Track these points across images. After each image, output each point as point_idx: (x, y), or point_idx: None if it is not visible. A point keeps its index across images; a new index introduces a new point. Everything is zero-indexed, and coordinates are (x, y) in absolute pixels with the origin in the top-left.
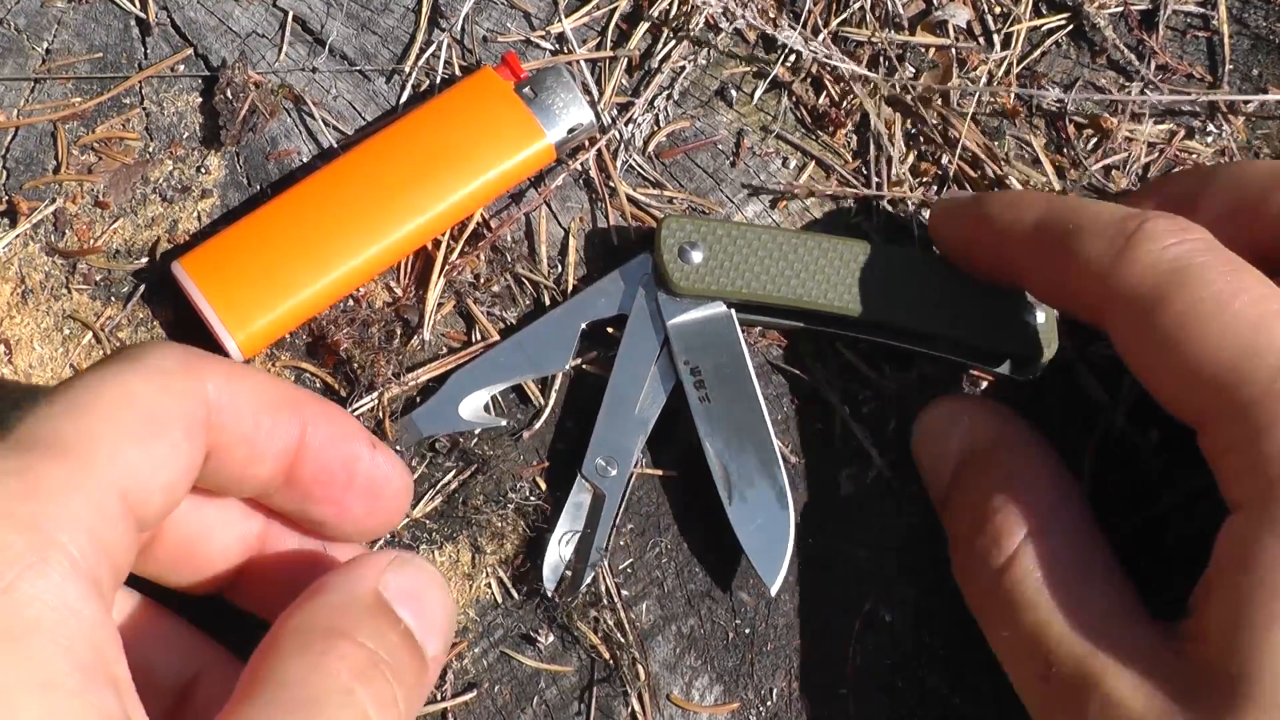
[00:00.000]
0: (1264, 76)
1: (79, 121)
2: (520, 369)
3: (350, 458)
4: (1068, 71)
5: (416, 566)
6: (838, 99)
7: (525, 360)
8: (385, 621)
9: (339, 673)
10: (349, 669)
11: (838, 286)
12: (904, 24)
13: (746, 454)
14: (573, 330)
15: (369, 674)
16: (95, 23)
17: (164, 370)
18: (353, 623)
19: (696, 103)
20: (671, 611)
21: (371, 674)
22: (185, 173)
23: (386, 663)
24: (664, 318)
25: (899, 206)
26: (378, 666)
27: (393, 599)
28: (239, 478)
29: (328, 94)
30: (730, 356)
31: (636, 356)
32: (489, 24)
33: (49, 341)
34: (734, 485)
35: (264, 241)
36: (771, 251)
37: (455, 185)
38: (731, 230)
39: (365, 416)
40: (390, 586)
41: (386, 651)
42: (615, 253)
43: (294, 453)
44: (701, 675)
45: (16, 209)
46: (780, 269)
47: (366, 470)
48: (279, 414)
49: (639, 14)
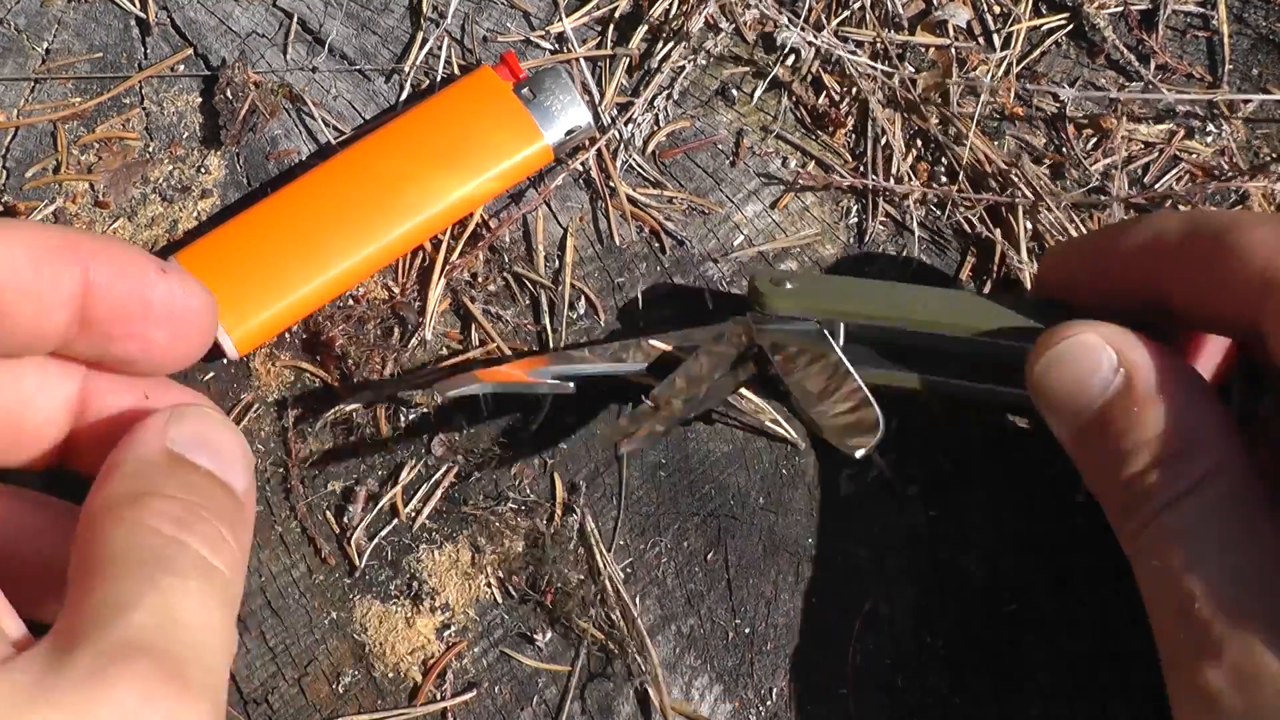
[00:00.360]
0: (1264, 76)
1: (79, 121)
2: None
3: (140, 287)
4: (1068, 71)
5: (195, 414)
6: (838, 99)
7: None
8: (184, 470)
9: (160, 528)
10: (168, 521)
11: (927, 306)
12: (904, 24)
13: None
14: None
15: (188, 520)
16: (95, 23)
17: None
18: (152, 481)
19: (696, 102)
20: (671, 611)
21: (191, 519)
22: (185, 172)
23: (201, 505)
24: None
25: (898, 205)
26: (194, 510)
27: (184, 450)
28: (34, 333)
29: (327, 94)
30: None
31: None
32: (489, 24)
33: None
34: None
35: (260, 238)
36: (860, 285)
37: (451, 185)
38: (819, 272)
39: (360, 411)
40: (177, 440)
41: (197, 495)
42: (615, 252)
43: (81, 295)
44: (701, 675)
45: (16, 209)
46: (869, 293)
47: (161, 297)
48: (57, 259)
49: (639, 14)
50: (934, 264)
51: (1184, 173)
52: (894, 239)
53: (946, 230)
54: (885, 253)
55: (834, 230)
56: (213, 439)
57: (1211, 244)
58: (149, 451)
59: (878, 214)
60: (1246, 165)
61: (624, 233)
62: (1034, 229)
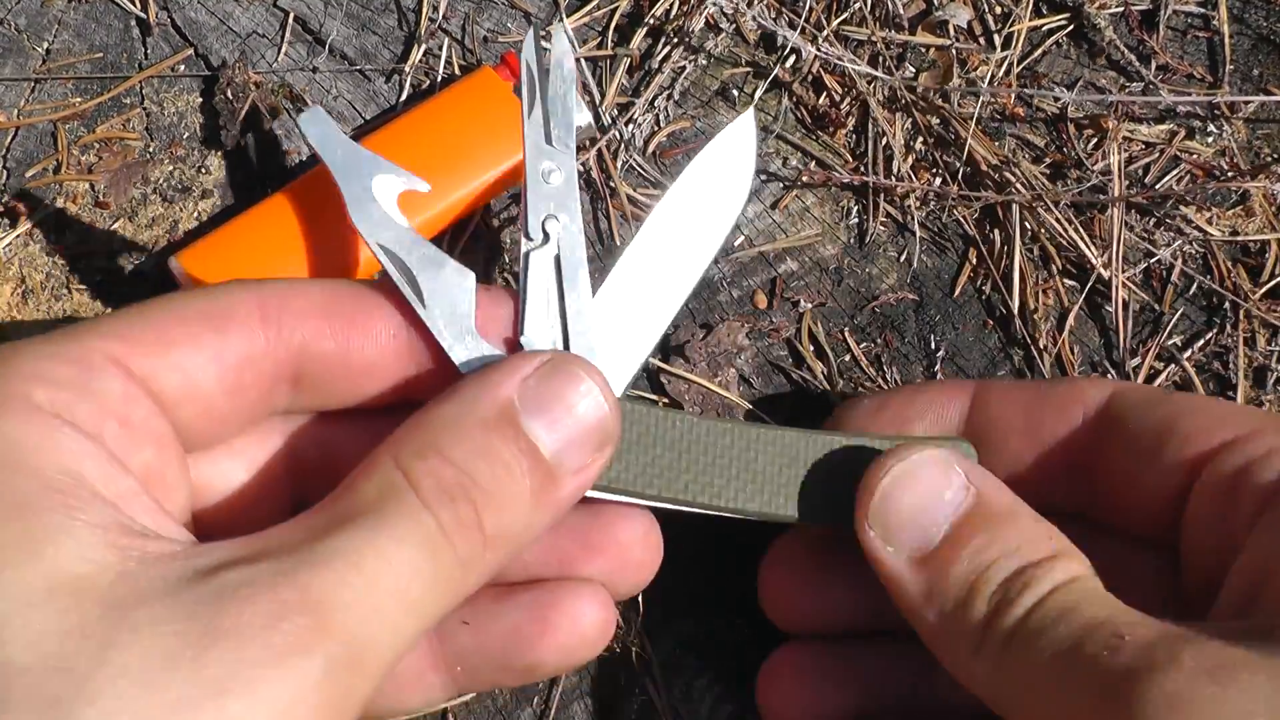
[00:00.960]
0: (1264, 77)
1: (79, 121)
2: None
3: (344, 342)
4: (1068, 72)
5: (569, 370)
6: (838, 99)
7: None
8: (498, 437)
9: (420, 487)
10: (433, 486)
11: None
12: (904, 24)
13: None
14: None
15: (453, 494)
16: (96, 23)
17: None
18: (452, 438)
19: (697, 103)
20: (671, 612)
21: (456, 494)
22: (185, 173)
23: (478, 485)
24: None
25: (899, 205)
26: (467, 489)
27: (525, 410)
28: (339, 394)
29: (328, 94)
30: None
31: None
32: (489, 24)
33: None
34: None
35: (262, 237)
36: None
37: (452, 185)
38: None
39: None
40: (530, 393)
41: (487, 470)
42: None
43: (291, 380)
44: (702, 675)
45: (17, 209)
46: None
47: (355, 345)
48: (247, 369)
49: (640, 14)
50: (934, 265)
51: (1184, 173)
52: (894, 239)
53: (947, 231)
54: (886, 253)
55: (834, 231)
56: (570, 402)
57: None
58: (483, 399)
59: (878, 215)
60: (1247, 165)
61: (624, 233)
62: (1034, 230)
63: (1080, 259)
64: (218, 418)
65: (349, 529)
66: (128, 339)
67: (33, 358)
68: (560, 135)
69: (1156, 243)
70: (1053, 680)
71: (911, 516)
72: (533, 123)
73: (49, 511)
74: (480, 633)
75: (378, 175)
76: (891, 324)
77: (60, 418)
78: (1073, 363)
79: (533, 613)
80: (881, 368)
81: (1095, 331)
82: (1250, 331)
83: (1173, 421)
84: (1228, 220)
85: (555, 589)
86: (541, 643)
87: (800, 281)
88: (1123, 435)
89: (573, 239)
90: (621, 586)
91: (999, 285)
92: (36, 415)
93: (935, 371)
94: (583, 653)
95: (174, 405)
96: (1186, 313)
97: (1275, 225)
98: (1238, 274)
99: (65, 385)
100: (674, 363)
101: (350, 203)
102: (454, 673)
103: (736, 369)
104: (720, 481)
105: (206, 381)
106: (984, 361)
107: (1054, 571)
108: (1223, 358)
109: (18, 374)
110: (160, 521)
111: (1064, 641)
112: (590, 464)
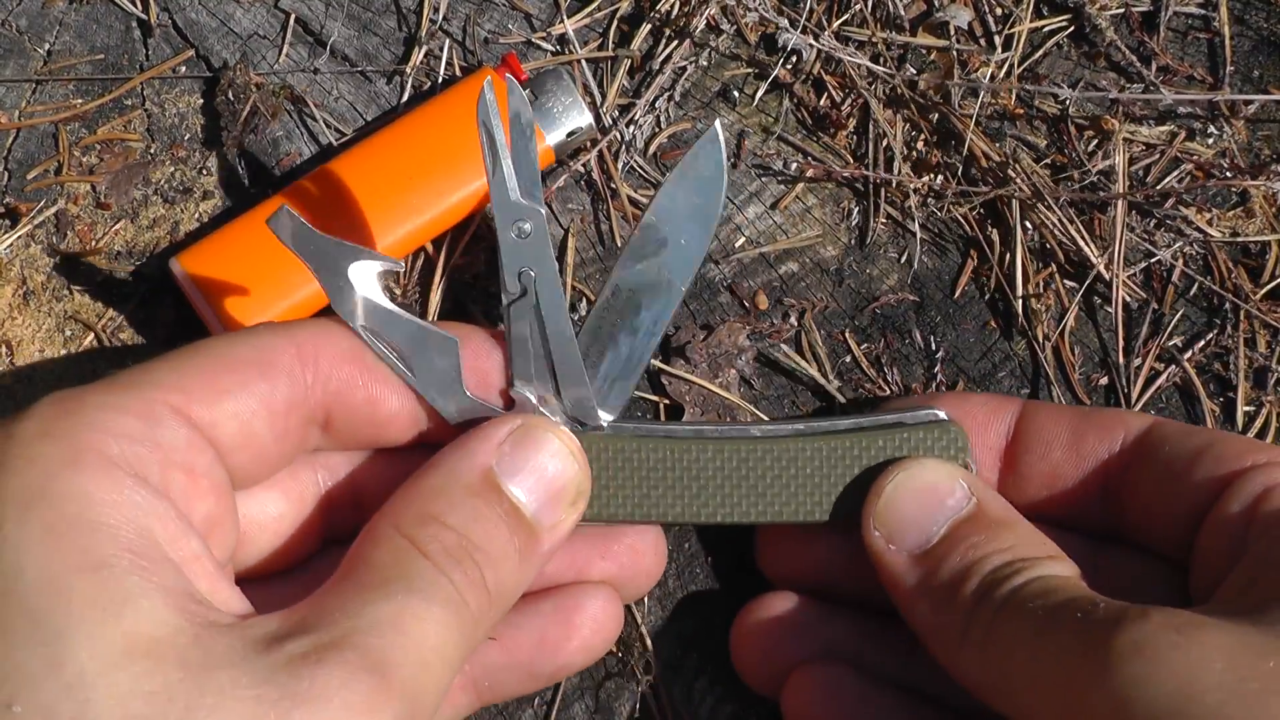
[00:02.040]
0: (1265, 78)
1: (80, 123)
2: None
3: (358, 389)
4: (1069, 73)
5: (536, 437)
6: (839, 100)
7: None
8: (484, 502)
9: (428, 553)
10: (440, 551)
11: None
12: (905, 25)
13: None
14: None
15: (458, 556)
16: (97, 24)
17: (253, 333)
18: (446, 505)
19: (698, 104)
20: (672, 613)
21: (460, 556)
22: (187, 174)
23: (479, 546)
24: None
25: (900, 206)
26: (468, 551)
27: (505, 475)
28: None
29: (329, 95)
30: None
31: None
32: (490, 25)
33: (51, 342)
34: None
35: (263, 239)
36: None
37: (453, 186)
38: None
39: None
40: (505, 460)
41: (482, 532)
42: (616, 254)
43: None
44: (702, 676)
45: (18, 210)
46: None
47: (377, 393)
48: (300, 412)
49: (641, 15)
50: (935, 265)
51: (1185, 174)
52: (895, 240)
53: (948, 232)
54: (887, 254)
55: (835, 232)
56: (542, 465)
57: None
58: (465, 468)
59: (879, 215)
60: (1247, 166)
61: (625, 234)
62: (1035, 230)
63: (1081, 259)
64: (267, 460)
65: (384, 596)
66: (186, 389)
67: (99, 409)
68: (527, 188)
69: (1157, 243)
70: (1034, 643)
71: (914, 519)
72: (497, 181)
73: (126, 573)
74: (509, 645)
75: (353, 263)
76: (892, 325)
77: (134, 474)
78: (1073, 363)
79: (557, 618)
80: (882, 369)
81: (1095, 332)
82: (1251, 332)
83: (1206, 446)
84: (1228, 221)
85: (575, 593)
86: (569, 645)
87: (801, 282)
88: (1158, 457)
89: (549, 287)
90: (630, 589)
91: (999, 286)
92: (112, 471)
93: (935, 373)
94: (602, 649)
95: (231, 452)
96: (1187, 313)
97: (1275, 226)
98: (1238, 275)
99: (135, 439)
100: (675, 364)
101: (330, 294)
102: (480, 689)
103: (737, 370)
104: (701, 497)
105: (259, 426)
106: (985, 363)
107: (1043, 566)
108: (1223, 358)
109: (90, 427)
110: (216, 588)
111: (1044, 611)
112: (564, 520)
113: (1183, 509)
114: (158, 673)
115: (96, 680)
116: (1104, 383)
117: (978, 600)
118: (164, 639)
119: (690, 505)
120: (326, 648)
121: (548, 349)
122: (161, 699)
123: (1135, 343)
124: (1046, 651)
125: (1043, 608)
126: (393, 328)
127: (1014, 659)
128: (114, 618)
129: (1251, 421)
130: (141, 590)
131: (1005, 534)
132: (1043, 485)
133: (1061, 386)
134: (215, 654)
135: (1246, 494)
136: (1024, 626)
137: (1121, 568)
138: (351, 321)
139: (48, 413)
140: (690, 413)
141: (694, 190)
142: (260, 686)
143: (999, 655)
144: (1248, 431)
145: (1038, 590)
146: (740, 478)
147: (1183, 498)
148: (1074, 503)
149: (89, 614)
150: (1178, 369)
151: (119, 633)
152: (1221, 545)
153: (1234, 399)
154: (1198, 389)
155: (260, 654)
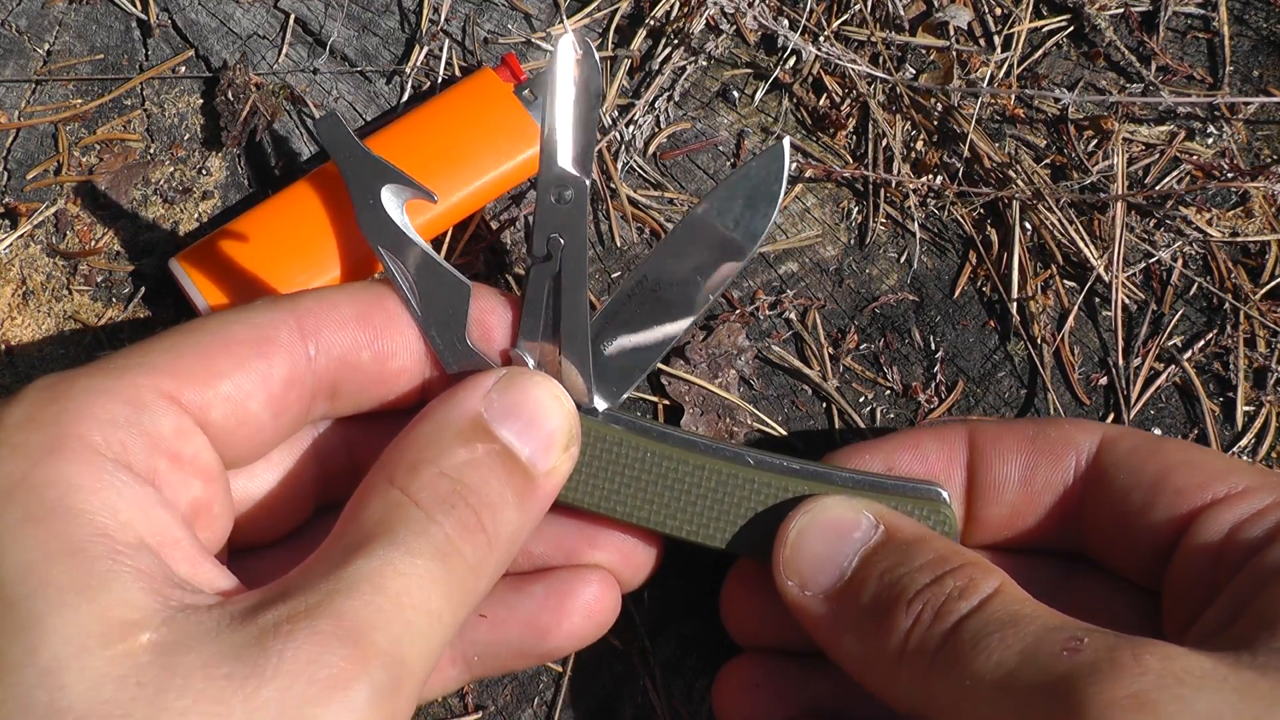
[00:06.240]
0: (1264, 78)
1: (80, 123)
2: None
3: (356, 348)
4: (1068, 73)
5: (525, 380)
6: (838, 100)
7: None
8: (475, 446)
9: (420, 502)
10: (431, 498)
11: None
12: (904, 26)
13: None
14: None
15: (451, 501)
16: (96, 24)
17: (249, 310)
18: (436, 452)
19: (697, 104)
20: (672, 613)
21: (454, 501)
22: (186, 174)
23: (472, 488)
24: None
25: (900, 206)
26: (462, 493)
27: (494, 417)
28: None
29: (329, 95)
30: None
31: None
32: (490, 25)
33: (51, 343)
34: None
35: (262, 238)
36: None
37: (453, 187)
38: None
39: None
40: (494, 406)
41: (476, 475)
42: (616, 254)
43: (329, 393)
44: (703, 676)
45: (18, 210)
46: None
47: (375, 350)
48: (288, 393)
49: (640, 16)
50: (934, 265)
51: (1184, 174)
52: (895, 240)
53: (947, 232)
54: (886, 254)
55: (835, 232)
56: (531, 409)
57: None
58: (454, 414)
59: (879, 215)
60: (1247, 166)
61: (625, 234)
62: (1034, 230)
63: (1080, 260)
64: (263, 439)
65: (365, 554)
66: (177, 373)
67: (85, 394)
68: (579, 157)
69: (1156, 243)
70: (997, 687)
71: (823, 558)
72: (549, 142)
73: (99, 558)
74: (497, 624)
75: (387, 184)
76: (892, 324)
77: (116, 460)
78: (1073, 363)
79: (548, 601)
80: (881, 368)
81: (1095, 332)
82: (1250, 332)
83: (1164, 476)
84: (1228, 221)
85: (567, 577)
86: (559, 630)
87: (801, 282)
88: (1115, 487)
89: (576, 255)
90: (620, 581)
91: (999, 286)
92: (94, 458)
93: (935, 373)
94: (595, 635)
95: (223, 434)
96: (1186, 314)
97: (1275, 226)
98: (1238, 275)
99: (120, 425)
100: (674, 364)
101: (358, 207)
102: (470, 663)
103: (737, 370)
104: (673, 509)
105: (255, 407)
106: (984, 362)
107: (977, 580)
108: (1223, 358)
109: (75, 413)
110: (197, 570)
111: (1014, 644)
112: (559, 465)
113: (1145, 545)
114: (128, 657)
115: (69, 665)
116: (1104, 383)
117: (909, 633)
118: (137, 622)
119: (660, 513)
120: (299, 616)
121: (559, 318)
122: (131, 683)
123: (1135, 343)
124: (1014, 698)
125: (1010, 643)
126: (411, 256)
127: (972, 701)
128: (87, 603)
129: (1251, 421)
130: (114, 574)
131: (921, 549)
132: (1003, 528)
133: (1061, 387)
134: (188, 635)
135: (1214, 532)
136: (981, 663)
137: (1092, 588)
138: (372, 240)
139: (35, 399)
140: (690, 413)
141: (748, 199)
142: (230, 664)
143: (947, 688)
144: (1246, 431)
145: (996, 618)
146: (716, 500)
147: (1144, 535)
148: (1038, 537)
149: (64, 599)
150: (1177, 369)
151: (91, 617)
152: (1195, 578)
153: (1234, 399)
154: (1197, 389)
155: (235, 630)
